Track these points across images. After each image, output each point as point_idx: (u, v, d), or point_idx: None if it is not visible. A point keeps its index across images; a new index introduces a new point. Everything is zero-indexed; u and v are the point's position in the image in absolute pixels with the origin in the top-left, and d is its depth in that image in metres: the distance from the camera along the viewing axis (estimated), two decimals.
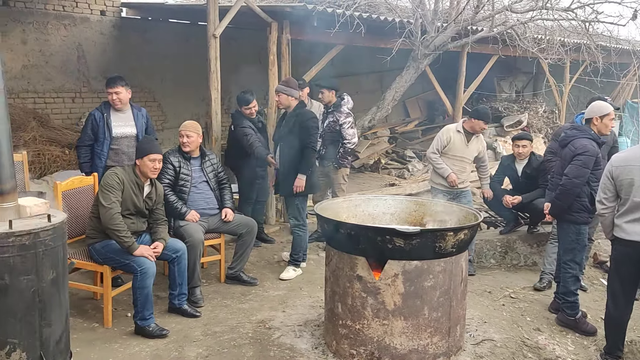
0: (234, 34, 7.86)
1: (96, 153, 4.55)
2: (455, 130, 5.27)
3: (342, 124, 5.68)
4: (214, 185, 4.75)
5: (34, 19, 7.45)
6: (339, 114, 5.70)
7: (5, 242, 2.31)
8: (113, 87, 4.52)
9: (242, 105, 5.42)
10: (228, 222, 4.69)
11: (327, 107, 5.70)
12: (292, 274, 5.02)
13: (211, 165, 4.76)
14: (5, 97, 2.43)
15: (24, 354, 2.36)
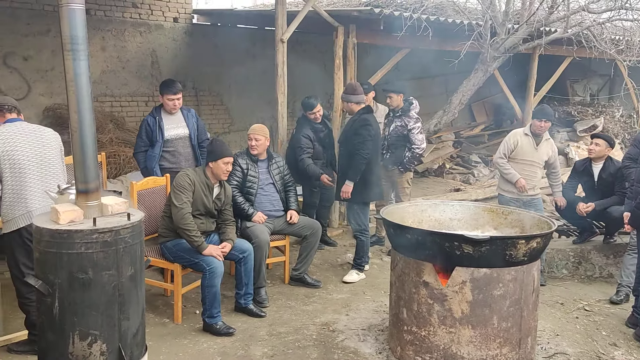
0: (300, 38, 7.97)
1: (149, 156, 4.70)
2: (522, 134, 5.10)
3: (411, 129, 5.58)
4: (280, 187, 4.83)
5: (113, 26, 7.85)
6: (407, 118, 5.61)
7: (89, 239, 2.44)
8: (176, 94, 4.69)
9: (306, 110, 5.48)
10: (293, 224, 4.75)
11: (394, 111, 5.65)
12: (355, 278, 5.02)
13: (278, 167, 4.84)
14: (92, 102, 2.57)
15: (104, 345, 2.49)
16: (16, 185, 3.22)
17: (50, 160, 3.36)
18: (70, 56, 2.43)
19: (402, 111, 5.63)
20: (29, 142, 3.27)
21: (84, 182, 2.62)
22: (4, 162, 3.19)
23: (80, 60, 2.46)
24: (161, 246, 4.11)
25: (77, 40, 2.41)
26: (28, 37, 7.07)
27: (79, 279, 2.43)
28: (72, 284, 2.43)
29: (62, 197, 2.79)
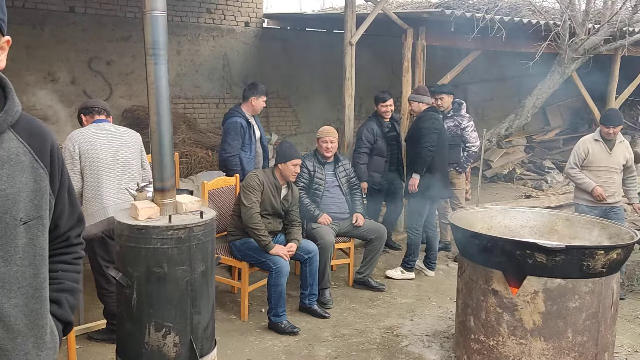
0: (368, 41, 7.95)
1: (247, 160, 4.75)
2: (592, 140, 4.85)
3: (464, 127, 5.57)
4: (345, 190, 4.84)
5: (188, 31, 8.17)
6: (460, 117, 5.60)
7: (165, 235, 2.55)
8: (264, 96, 4.83)
9: (378, 102, 5.50)
10: (358, 226, 4.75)
11: (443, 113, 5.58)
12: (397, 275, 5.04)
13: (344, 170, 4.86)
14: (170, 104, 2.69)
15: (176, 337, 2.59)
16: (94, 182, 3.41)
17: (127, 159, 3.53)
18: (152, 60, 2.55)
19: (454, 111, 5.62)
20: (108, 141, 3.45)
21: (161, 181, 2.73)
22: (84, 160, 3.38)
23: (161, 65, 2.58)
24: (230, 244, 4.23)
25: (159, 46, 2.53)
26: (112, 42, 7.49)
27: (155, 272, 2.55)
28: (149, 278, 2.55)
29: (140, 194, 2.93)
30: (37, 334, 1.29)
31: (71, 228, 1.48)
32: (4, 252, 1.20)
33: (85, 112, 3.60)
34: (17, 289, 1.23)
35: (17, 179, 1.23)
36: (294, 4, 22.57)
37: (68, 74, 7.31)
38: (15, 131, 1.26)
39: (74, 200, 1.48)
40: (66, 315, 1.44)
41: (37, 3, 6.93)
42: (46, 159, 1.31)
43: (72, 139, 3.38)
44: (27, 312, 1.26)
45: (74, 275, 1.49)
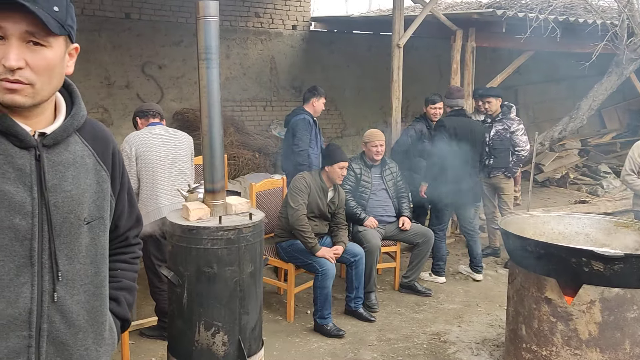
0: (415, 43, 7.88)
1: (313, 155, 4.80)
2: None
3: (514, 131, 5.42)
4: (392, 193, 4.81)
5: (237, 35, 8.31)
6: (509, 121, 5.46)
7: (215, 235, 2.60)
8: (323, 98, 4.98)
9: (428, 104, 5.44)
10: (405, 230, 4.70)
11: (491, 116, 5.45)
12: (426, 276, 5.05)
13: (391, 173, 4.83)
14: (220, 107, 2.74)
15: (225, 336, 2.63)
16: (149, 183, 3.52)
17: (180, 161, 3.63)
18: (204, 64, 2.60)
19: (502, 114, 5.49)
20: (163, 144, 3.56)
21: (212, 182, 2.79)
22: (140, 162, 3.49)
23: (213, 69, 2.63)
24: (276, 246, 4.27)
25: (211, 50, 2.59)
26: (164, 47, 7.70)
27: (205, 272, 2.60)
28: (199, 277, 2.61)
29: (191, 195, 3.00)
30: (97, 330, 1.33)
31: (130, 228, 1.53)
32: (69, 250, 1.25)
33: (141, 116, 3.72)
34: (79, 286, 1.27)
35: (81, 181, 1.27)
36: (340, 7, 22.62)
37: (122, 78, 7.56)
38: (80, 135, 1.32)
39: (133, 201, 1.52)
40: (124, 312, 1.48)
41: (95, 10, 7.21)
42: (108, 162, 1.37)
43: (128, 141, 3.50)
44: (89, 308, 1.30)
45: (131, 274, 1.54)
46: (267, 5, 8.60)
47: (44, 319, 1.21)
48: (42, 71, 1.16)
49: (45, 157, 1.21)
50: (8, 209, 1.16)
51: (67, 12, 1.20)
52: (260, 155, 7.94)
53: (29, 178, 1.19)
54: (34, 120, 1.23)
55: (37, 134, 1.22)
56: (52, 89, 1.21)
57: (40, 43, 1.15)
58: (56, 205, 1.22)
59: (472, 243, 5.10)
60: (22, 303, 1.18)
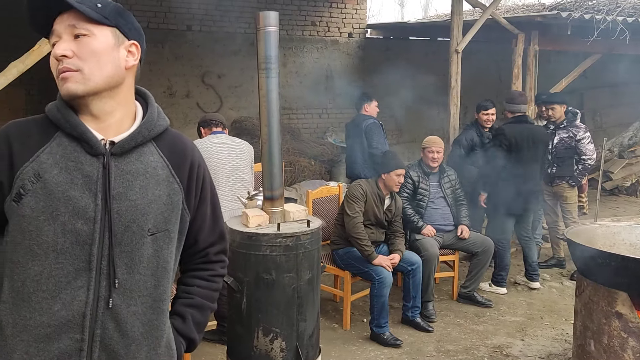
0: (473, 48, 7.73)
1: None
2: None
3: (580, 139, 5.18)
4: (451, 201, 4.71)
5: (294, 44, 8.43)
6: (575, 128, 5.23)
7: (274, 242, 2.63)
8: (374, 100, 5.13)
9: (480, 110, 5.32)
10: (463, 239, 4.59)
11: (555, 123, 5.24)
12: (486, 287, 4.89)
13: (449, 181, 4.73)
14: (279, 116, 2.78)
15: (283, 342, 2.66)
16: None
17: (241, 169, 3.71)
18: (264, 74, 2.65)
19: (567, 121, 5.26)
20: (225, 152, 3.65)
21: (270, 190, 2.83)
22: None
23: (272, 78, 2.68)
24: (333, 253, 4.27)
25: (271, 60, 2.63)
26: (223, 57, 7.91)
27: (263, 279, 2.64)
28: (258, 283, 2.65)
29: (251, 202, 3.05)
30: (151, 344, 1.29)
31: (212, 245, 1.47)
32: (129, 259, 1.24)
33: (204, 125, 3.85)
34: (137, 297, 1.26)
35: (149, 191, 1.28)
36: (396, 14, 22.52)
37: (184, 88, 7.82)
38: (157, 145, 1.33)
39: (217, 217, 1.48)
40: (188, 331, 1.42)
41: (159, 23, 7.50)
42: (183, 175, 1.35)
43: None
44: (145, 321, 1.27)
45: (207, 292, 1.46)
46: (323, 14, 8.68)
47: (98, 324, 1.22)
48: (87, 57, 1.21)
49: (113, 165, 1.24)
50: (72, 213, 1.20)
51: (113, 9, 1.26)
52: (315, 162, 7.99)
53: (95, 185, 1.22)
54: (105, 124, 1.27)
55: (108, 142, 1.25)
56: (104, 77, 1.24)
57: (83, 33, 1.21)
58: (119, 213, 1.23)
59: (528, 250, 4.94)
60: (77, 306, 1.20)
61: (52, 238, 1.20)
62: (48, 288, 1.20)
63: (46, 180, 1.20)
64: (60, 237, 1.20)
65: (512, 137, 4.67)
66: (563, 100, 5.33)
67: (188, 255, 1.44)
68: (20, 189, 1.20)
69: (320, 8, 8.63)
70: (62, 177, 1.21)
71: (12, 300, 1.21)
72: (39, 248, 1.20)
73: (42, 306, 1.20)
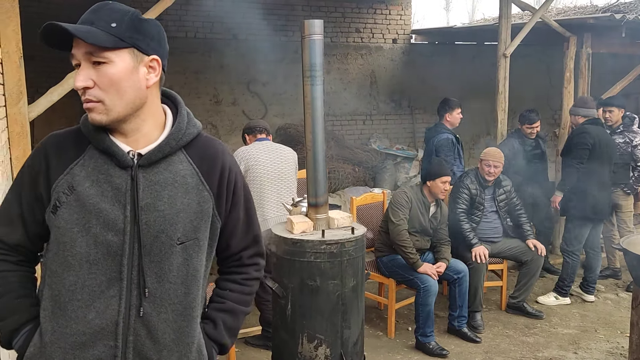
0: (522, 52, 7.54)
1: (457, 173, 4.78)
2: None
3: (637, 144, 5.03)
4: (503, 214, 4.56)
5: (338, 51, 8.45)
6: (632, 134, 5.06)
7: (318, 249, 2.63)
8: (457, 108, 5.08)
9: (524, 123, 5.25)
10: (516, 247, 4.47)
11: (611, 127, 5.04)
12: (551, 301, 4.71)
13: (504, 192, 4.56)
14: (324, 123, 2.78)
15: (327, 349, 2.65)
16: (257, 196, 3.65)
17: (286, 175, 3.74)
18: (309, 82, 2.66)
19: (624, 126, 5.08)
20: (270, 158, 3.69)
21: (315, 196, 2.83)
22: (249, 175, 3.64)
23: (317, 85, 2.69)
24: (377, 260, 4.24)
25: (316, 67, 2.64)
26: (267, 65, 8.01)
27: (308, 285, 2.64)
28: (303, 290, 2.65)
29: (295, 209, 3.07)
30: (182, 350, 1.32)
31: (245, 248, 1.48)
32: (158, 269, 1.27)
33: (249, 132, 3.90)
34: (168, 305, 1.29)
35: (178, 201, 1.28)
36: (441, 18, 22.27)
37: (230, 96, 7.96)
38: (187, 153, 1.33)
39: (251, 221, 1.48)
40: (219, 336, 1.43)
41: (206, 33, 7.67)
42: (214, 182, 1.35)
43: (238, 156, 3.67)
44: (175, 328, 1.30)
45: (239, 296, 1.47)
46: (367, 20, 8.67)
47: (131, 332, 1.26)
48: (107, 87, 1.21)
49: (141, 177, 1.26)
50: (103, 225, 1.24)
51: (130, 25, 1.22)
52: (359, 168, 7.96)
53: (124, 197, 1.25)
54: (132, 138, 1.28)
55: (136, 154, 1.27)
56: (126, 104, 1.24)
57: (100, 61, 1.20)
58: (148, 224, 1.25)
59: (595, 262, 4.79)
60: (110, 315, 1.25)
61: (85, 249, 1.24)
62: (82, 297, 1.24)
63: (79, 192, 1.24)
64: (93, 248, 1.24)
65: (596, 136, 4.56)
66: (621, 103, 5.15)
67: (221, 259, 1.47)
68: (57, 201, 1.25)
69: (364, 14, 8.63)
70: (94, 189, 1.24)
71: (51, 309, 1.26)
72: (73, 259, 1.24)
73: (78, 315, 1.24)
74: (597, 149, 4.53)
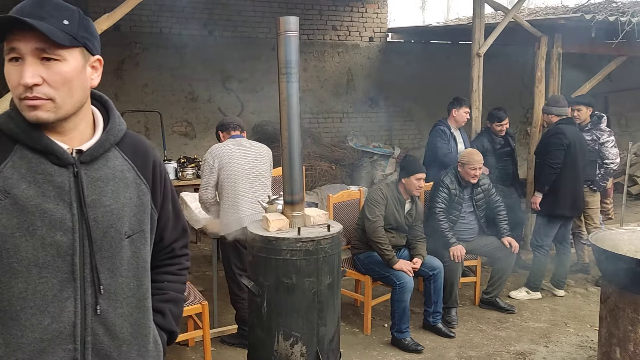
0: (495, 51, 7.66)
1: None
2: None
3: (603, 142, 5.14)
4: (480, 212, 4.61)
5: (315, 49, 8.46)
6: (599, 132, 5.18)
7: (294, 247, 2.64)
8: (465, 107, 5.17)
9: (493, 121, 5.35)
10: (490, 244, 4.53)
11: (579, 125, 5.17)
12: (523, 296, 4.80)
13: (482, 192, 4.61)
14: (299, 120, 2.78)
15: (304, 347, 2.66)
16: (231, 193, 3.63)
17: (261, 172, 3.72)
18: (285, 79, 2.67)
19: (592, 124, 5.21)
20: (244, 155, 3.67)
21: (291, 194, 2.84)
22: (223, 173, 3.62)
23: (293, 82, 2.69)
24: (353, 257, 4.26)
25: (291, 65, 2.65)
26: (244, 62, 7.98)
27: (284, 283, 2.64)
28: (278, 287, 2.65)
29: (271, 206, 3.07)
30: (141, 343, 1.34)
31: (176, 240, 1.53)
32: (110, 264, 1.27)
33: (223, 129, 3.87)
34: (122, 299, 1.29)
35: (121, 195, 1.30)
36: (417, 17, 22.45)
37: (205, 92, 7.90)
38: (120, 149, 1.34)
39: (179, 212, 1.53)
40: (169, 325, 1.48)
41: (181, 29, 7.59)
42: (148, 175, 1.37)
43: (211, 153, 3.64)
44: (132, 321, 1.31)
45: (178, 285, 1.52)
46: (344, 18, 8.69)
47: (88, 332, 1.24)
48: (59, 85, 1.18)
49: (83, 174, 1.25)
50: (49, 226, 1.20)
51: (80, 24, 1.21)
52: (336, 166, 8.00)
53: (68, 195, 1.22)
54: (69, 136, 1.26)
55: (75, 151, 1.25)
56: (75, 103, 1.23)
57: (53, 58, 1.16)
58: (96, 220, 1.25)
59: (565, 257, 4.90)
60: (66, 317, 1.22)
61: (32, 253, 1.19)
62: (35, 304, 1.20)
63: (15, 195, 1.19)
64: (41, 251, 1.20)
65: (570, 135, 4.66)
66: (590, 102, 5.26)
67: (154, 252, 1.46)
68: None
69: (341, 12, 8.65)
70: (32, 190, 1.20)
71: (1, 321, 1.20)
72: (19, 265, 1.19)
73: (32, 322, 1.20)
74: (572, 149, 4.62)
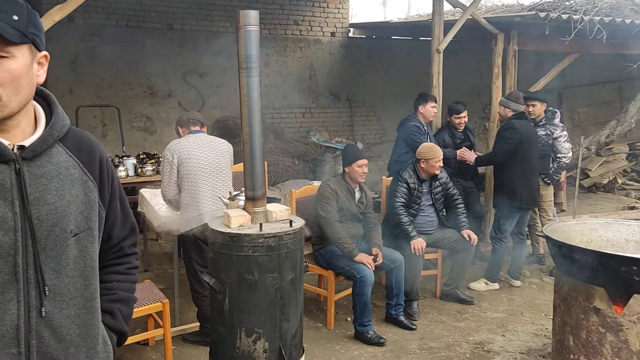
0: (455, 48, 7.79)
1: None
2: None
3: (557, 137, 5.33)
4: (439, 206, 4.70)
5: (276, 43, 8.40)
6: (553, 127, 5.36)
7: (256, 243, 2.62)
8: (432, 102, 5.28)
9: (452, 114, 5.46)
10: (450, 237, 4.62)
11: (534, 120, 5.34)
12: (481, 287, 4.93)
13: (440, 185, 4.69)
14: (260, 116, 2.76)
15: (266, 343, 2.65)
16: (192, 189, 3.58)
17: (221, 168, 3.69)
18: (245, 73, 2.64)
19: (546, 119, 5.39)
20: (204, 151, 3.62)
21: (252, 189, 2.81)
22: (183, 169, 3.57)
23: (253, 77, 2.67)
24: (315, 252, 4.27)
25: (251, 59, 2.62)
26: (204, 56, 7.85)
27: (246, 279, 2.63)
28: (240, 284, 2.63)
29: (232, 202, 3.04)
30: (90, 344, 1.30)
31: (124, 238, 1.49)
32: (55, 264, 1.22)
33: (182, 125, 3.80)
34: (69, 300, 1.25)
35: (66, 192, 1.25)
36: (378, 13, 22.60)
37: (165, 87, 7.75)
38: (64, 145, 1.29)
39: (127, 210, 1.49)
40: (119, 325, 1.45)
41: (140, 22, 7.42)
42: (95, 171, 1.33)
43: (170, 149, 3.58)
44: (79, 322, 1.27)
45: (127, 285, 1.49)
46: (305, 13, 8.67)
47: (33, 335, 1.19)
48: (6, 83, 1.14)
49: (25, 170, 1.20)
50: None
51: (29, 20, 1.17)
52: (299, 161, 7.98)
53: (10, 193, 1.17)
54: (11, 133, 1.21)
55: (16, 147, 1.20)
56: (21, 100, 1.18)
57: (1, 55, 1.13)
58: (39, 218, 1.20)
59: (521, 249, 5.04)
60: (9, 320, 1.17)
61: None
62: None
63: None
64: None
65: (523, 131, 4.79)
66: (544, 98, 5.44)
67: (102, 251, 1.42)
68: None
69: (302, 7, 8.62)
70: None
71: None
72: None
73: None
74: (524, 143, 4.77)
